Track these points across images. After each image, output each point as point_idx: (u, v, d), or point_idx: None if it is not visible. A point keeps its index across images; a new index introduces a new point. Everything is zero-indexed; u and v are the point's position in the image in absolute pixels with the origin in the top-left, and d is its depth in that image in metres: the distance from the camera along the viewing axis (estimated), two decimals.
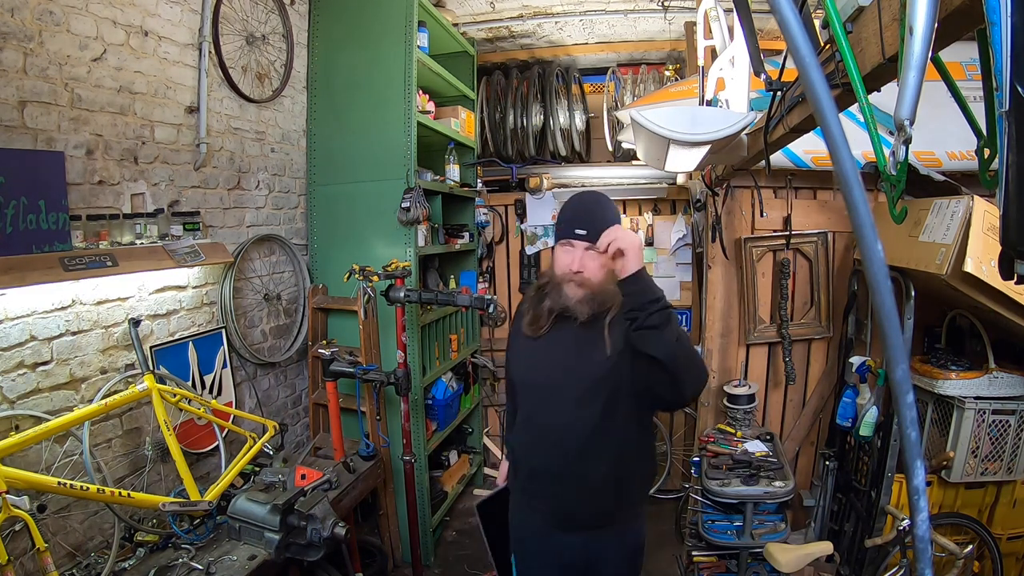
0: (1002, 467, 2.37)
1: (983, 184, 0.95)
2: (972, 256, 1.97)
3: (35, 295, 1.69)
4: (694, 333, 3.75)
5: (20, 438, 1.44)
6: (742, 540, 2.55)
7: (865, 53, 1.08)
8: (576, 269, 1.48)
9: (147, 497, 1.69)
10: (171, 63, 2.19)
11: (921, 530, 0.46)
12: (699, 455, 2.83)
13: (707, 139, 1.65)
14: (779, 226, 3.05)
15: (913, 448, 0.45)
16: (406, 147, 2.85)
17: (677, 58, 3.97)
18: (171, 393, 1.94)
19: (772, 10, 0.42)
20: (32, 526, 1.40)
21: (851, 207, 0.41)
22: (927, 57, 0.83)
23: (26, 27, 1.67)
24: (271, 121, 2.80)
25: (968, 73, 2.35)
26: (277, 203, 2.87)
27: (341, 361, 2.41)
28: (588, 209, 1.51)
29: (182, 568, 1.71)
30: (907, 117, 0.89)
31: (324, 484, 2.03)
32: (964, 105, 1.08)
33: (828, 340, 3.12)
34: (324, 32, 3.04)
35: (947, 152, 2.56)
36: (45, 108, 1.73)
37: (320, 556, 1.81)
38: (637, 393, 1.47)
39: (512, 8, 3.59)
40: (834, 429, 2.94)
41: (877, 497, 2.54)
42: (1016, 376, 2.32)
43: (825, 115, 0.40)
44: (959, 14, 0.82)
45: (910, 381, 0.44)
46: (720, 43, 2.02)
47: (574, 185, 3.85)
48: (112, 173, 1.96)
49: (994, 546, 2.41)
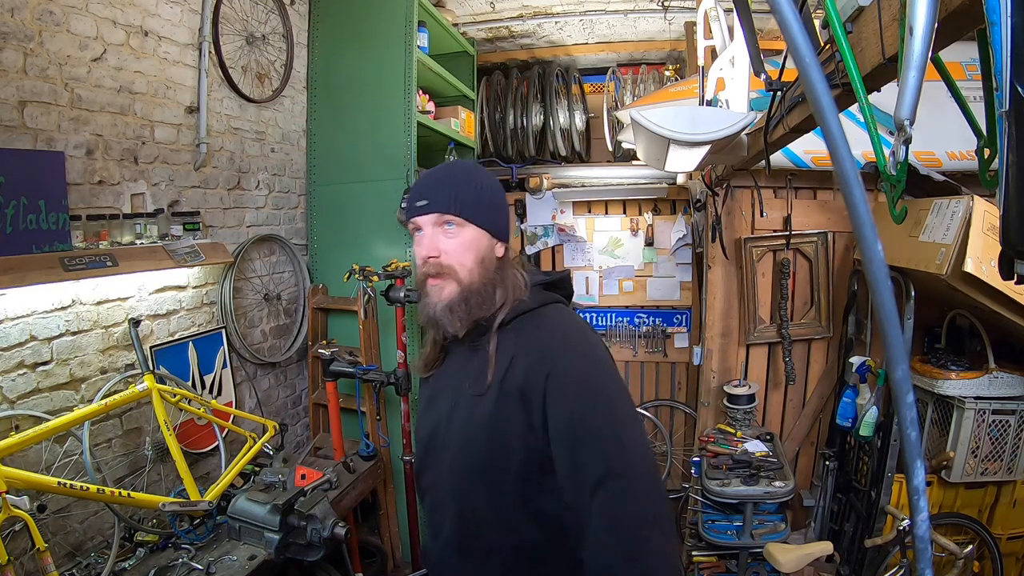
0: (1002, 467, 2.37)
1: (983, 184, 0.95)
2: (972, 256, 1.97)
3: (35, 295, 1.69)
4: (694, 333, 3.75)
5: (20, 438, 1.44)
6: (742, 540, 2.55)
7: (865, 53, 1.08)
8: (427, 254, 1.07)
9: (147, 497, 1.69)
10: (171, 63, 2.19)
11: (921, 530, 0.46)
12: (699, 455, 2.83)
13: (707, 139, 1.65)
14: (779, 226, 3.05)
15: (913, 448, 0.45)
16: (406, 147, 2.85)
17: (677, 58, 3.96)
18: (171, 393, 1.94)
19: (772, 10, 0.42)
20: (32, 526, 1.40)
21: (851, 207, 0.41)
22: (927, 57, 0.83)
23: (26, 27, 1.66)
24: (271, 121, 2.79)
25: (968, 73, 2.34)
26: (277, 203, 2.87)
27: (341, 361, 2.41)
28: (435, 177, 1.12)
29: (182, 568, 1.71)
30: (907, 117, 0.89)
31: (324, 484, 2.03)
32: (964, 105, 1.08)
33: (828, 340, 3.12)
34: (324, 32, 3.03)
35: (947, 152, 2.56)
36: (45, 108, 1.73)
37: (320, 556, 1.81)
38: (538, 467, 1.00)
39: (512, 8, 3.59)
40: (834, 429, 2.94)
41: (877, 497, 2.54)
42: (1016, 376, 2.32)
43: (825, 115, 0.40)
44: (959, 14, 0.83)
45: (910, 381, 0.44)
46: (720, 43, 2.02)
47: (574, 185, 3.85)
48: (112, 173, 1.96)
49: (994, 546, 2.41)
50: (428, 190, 1.08)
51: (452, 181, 1.09)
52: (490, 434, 1.02)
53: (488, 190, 1.12)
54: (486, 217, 1.10)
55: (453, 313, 1.06)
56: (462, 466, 1.06)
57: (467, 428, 1.05)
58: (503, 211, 1.15)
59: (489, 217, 1.10)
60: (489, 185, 1.13)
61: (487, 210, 1.10)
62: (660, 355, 3.87)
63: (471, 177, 1.11)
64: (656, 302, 3.89)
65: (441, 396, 1.14)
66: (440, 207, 1.07)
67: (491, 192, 1.13)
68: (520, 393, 1.00)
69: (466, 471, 1.05)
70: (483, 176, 1.14)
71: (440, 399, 1.14)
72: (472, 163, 1.23)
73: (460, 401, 1.08)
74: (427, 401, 1.19)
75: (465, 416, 1.06)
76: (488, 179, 1.14)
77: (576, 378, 0.99)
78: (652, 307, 3.90)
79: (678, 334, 3.85)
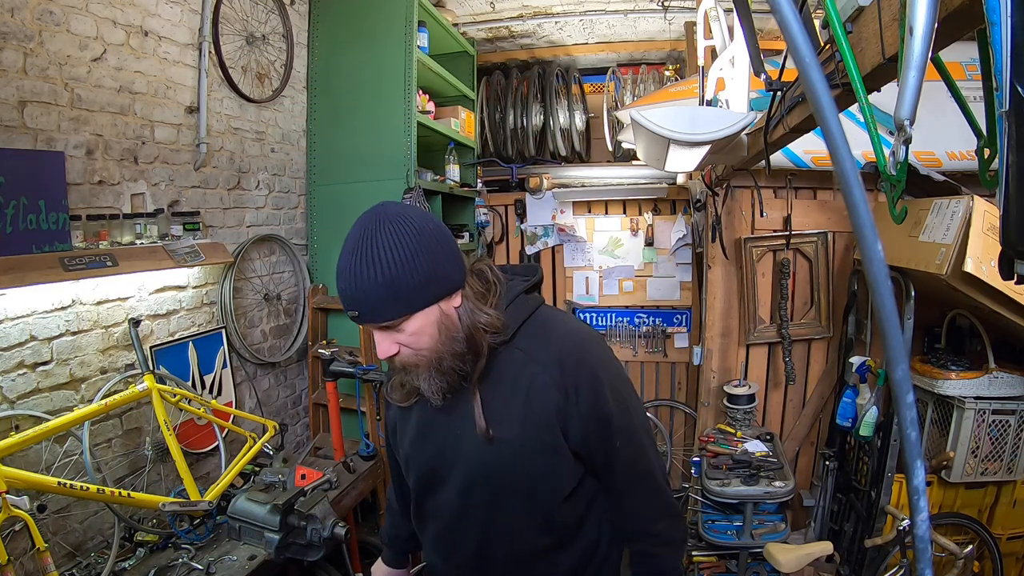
0: (1002, 467, 2.37)
1: (983, 184, 0.95)
2: (972, 256, 1.97)
3: (35, 295, 1.69)
4: (694, 333, 3.75)
5: (20, 438, 1.44)
6: (742, 540, 2.55)
7: (865, 53, 1.09)
8: (385, 354, 1.01)
9: (147, 497, 1.69)
10: (171, 63, 2.19)
11: (921, 530, 0.46)
12: (699, 455, 2.83)
13: (707, 139, 1.65)
14: (779, 226, 3.05)
15: (913, 448, 0.45)
16: (406, 147, 2.85)
17: (677, 58, 3.96)
18: (171, 393, 1.94)
19: (772, 10, 0.42)
20: (32, 526, 1.40)
21: (851, 207, 0.41)
22: (927, 57, 0.83)
23: (26, 27, 1.66)
24: (271, 121, 2.79)
25: (968, 73, 2.34)
26: (277, 203, 2.87)
27: (341, 361, 2.41)
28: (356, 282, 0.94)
29: (182, 568, 1.71)
30: (907, 117, 0.89)
31: (324, 484, 2.03)
32: (964, 105, 1.08)
33: (828, 340, 3.12)
34: (324, 32, 3.04)
35: (947, 152, 2.56)
36: (45, 108, 1.73)
37: (320, 556, 1.81)
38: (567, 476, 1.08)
39: (512, 8, 3.59)
40: (834, 429, 2.94)
41: (877, 497, 2.54)
42: (1016, 376, 2.32)
43: (825, 115, 0.40)
44: (959, 14, 0.83)
45: (910, 381, 0.44)
46: (720, 43, 2.02)
47: (574, 185, 3.86)
48: (112, 173, 1.96)
49: (994, 546, 2.41)
50: (355, 302, 0.95)
51: (376, 283, 0.92)
52: (516, 461, 1.03)
53: (419, 258, 0.94)
54: (430, 292, 0.97)
55: (432, 385, 1.01)
56: (483, 491, 1.07)
57: (485, 456, 1.03)
58: (445, 259, 0.98)
59: (434, 288, 0.97)
60: (417, 249, 0.94)
61: (427, 284, 0.95)
62: (660, 355, 3.88)
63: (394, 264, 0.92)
64: (656, 302, 3.89)
65: (437, 424, 1.10)
66: (376, 319, 0.96)
67: (424, 256, 0.94)
68: (553, 412, 1.02)
69: (491, 496, 1.06)
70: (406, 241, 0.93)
71: (436, 427, 1.10)
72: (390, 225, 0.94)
73: (467, 430, 1.04)
74: (418, 429, 1.13)
75: (478, 443, 1.03)
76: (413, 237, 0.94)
77: (605, 380, 1.05)
78: (652, 307, 3.90)
79: (678, 334, 3.85)
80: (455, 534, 1.12)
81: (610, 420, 1.04)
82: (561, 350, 1.04)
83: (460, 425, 1.06)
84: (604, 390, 1.03)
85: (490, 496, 1.06)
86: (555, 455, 1.04)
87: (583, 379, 1.02)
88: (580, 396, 1.02)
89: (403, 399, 1.11)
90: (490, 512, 1.07)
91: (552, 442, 1.03)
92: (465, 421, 1.04)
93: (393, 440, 1.25)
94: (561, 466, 1.05)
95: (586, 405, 1.02)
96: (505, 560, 1.10)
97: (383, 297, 0.93)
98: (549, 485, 1.05)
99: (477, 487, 1.07)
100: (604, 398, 1.03)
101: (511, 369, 1.04)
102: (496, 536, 1.08)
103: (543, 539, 1.08)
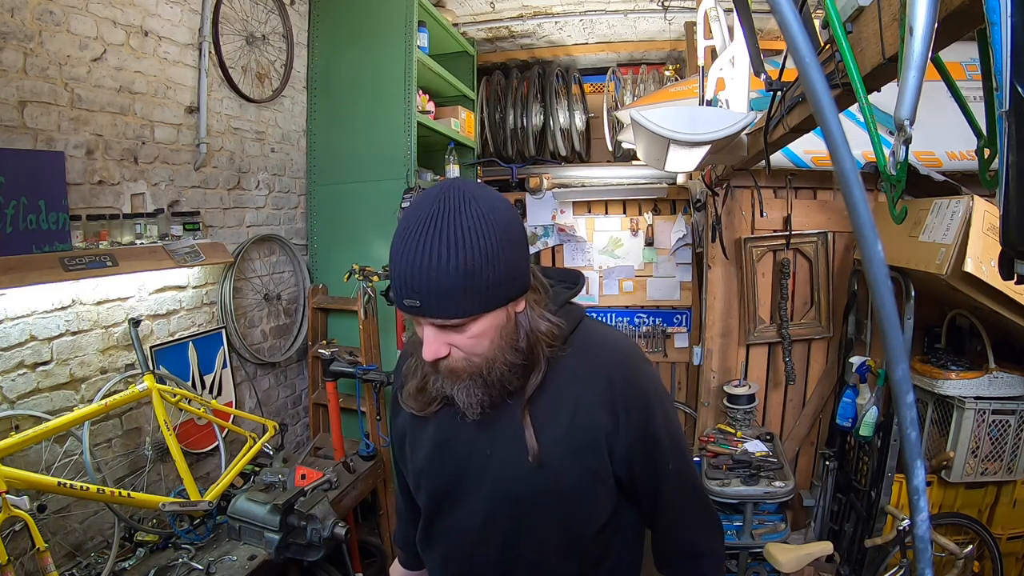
0: (1002, 467, 2.37)
1: (983, 184, 0.95)
2: (972, 256, 1.97)
3: (35, 295, 1.69)
4: (694, 333, 3.75)
5: (20, 438, 1.44)
6: (742, 540, 2.55)
7: (865, 53, 1.09)
8: (433, 356, 0.85)
9: (147, 497, 1.69)
10: (171, 63, 2.19)
11: (921, 530, 0.46)
12: (699, 455, 2.83)
13: (707, 139, 1.65)
14: (779, 226, 3.05)
15: (913, 448, 0.45)
16: (406, 147, 2.85)
17: (677, 58, 3.96)
18: (171, 393, 1.94)
19: (772, 10, 0.42)
20: (32, 526, 1.40)
21: (851, 207, 0.41)
22: (927, 57, 0.83)
23: (26, 27, 1.67)
24: (271, 121, 2.80)
25: (968, 73, 2.35)
26: (277, 203, 2.87)
27: (341, 361, 2.41)
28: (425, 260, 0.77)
29: (182, 568, 1.71)
30: (907, 117, 0.89)
31: (324, 484, 2.03)
32: (964, 105, 1.08)
33: (828, 340, 3.12)
34: (324, 32, 3.04)
35: (947, 152, 2.56)
36: (45, 108, 1.73)
37: (320, 556, 1.80)
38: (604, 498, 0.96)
39: (512, 8, 3.59)
40: (834, 429, 2.94)
41: (877, 497, 2.54)
42: (1016, 376, 2.32)
43: (825, 115, 0.40)
44: (959, 14, 0.83)
45: (910, 381, 0.44)
46: (720, 43, 2.02)
47: (574, 185, 3.85)
48: (112, 173, 1.96)
49: (994, 546, 2.41)
50: (418, 289, 0.78)
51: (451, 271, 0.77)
52: (555, 486, 0.93)
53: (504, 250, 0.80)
54: (505, 291, 0.83)
55: (472, 397, 0.87)
56: (510, 517, 0.96)
57: (521, 478, 0.93)
58: (523, 255, 0.86)
59: (509, 287, 0.83)
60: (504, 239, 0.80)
61: (505, 281, 0.81)
62: (660, 355, 3.88)
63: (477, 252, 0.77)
64: (656, 302, 3.89)
65: (462, 439, 0.97)
66: (442, 313, 0.80)
67: (509, 249, 0.81)
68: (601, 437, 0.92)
69: (517, 522, 0.95)
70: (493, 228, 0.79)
71: (461, 442, 0.97)
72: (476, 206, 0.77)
73: (501, 449, 0.93)
74: (436, 442, 0.99)
75: (515, 465, 0.92)
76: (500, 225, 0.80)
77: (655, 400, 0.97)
78: (652, 307, 3.90)
79: (678, 334, 3.85)
80: (468, 561, 1.01)
81: (659, 441, 0.96)
82: (610, 366, 0.95)
83: (494, 442, 0.94)
84: (655, 410, 0.95)
85: (516, 522, 0.95)
86: (596, 482, 0.94)
87: (634, 399, 0.93)
88: (631, 417, 0.93)
89: (422, 407, 0.97)
90: (514, 539, 0.96)
91: (596, 468, 0.93)
92: (501, 438, 0.93)
93: (400, 452, 1.10)
94: (600, 494, 0.95)
95: (637, 427, 0.93)
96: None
97: (455, 288, 0.77)
98: (585, 514, 0.96)
99: (504, 512, 0.95)
100: (655, 419, 0.95)
101: (555, 384, 0.92)
102: (517, 564, 0.98)
103: (569, 568, 0.98)
